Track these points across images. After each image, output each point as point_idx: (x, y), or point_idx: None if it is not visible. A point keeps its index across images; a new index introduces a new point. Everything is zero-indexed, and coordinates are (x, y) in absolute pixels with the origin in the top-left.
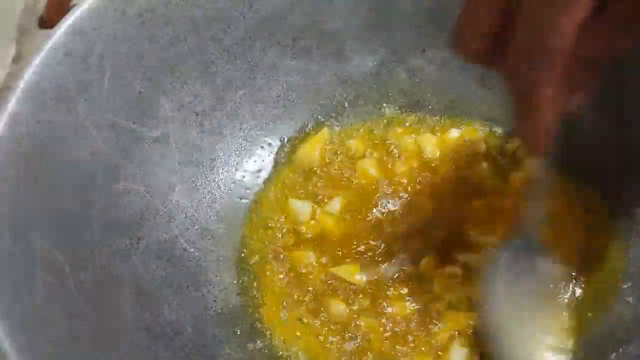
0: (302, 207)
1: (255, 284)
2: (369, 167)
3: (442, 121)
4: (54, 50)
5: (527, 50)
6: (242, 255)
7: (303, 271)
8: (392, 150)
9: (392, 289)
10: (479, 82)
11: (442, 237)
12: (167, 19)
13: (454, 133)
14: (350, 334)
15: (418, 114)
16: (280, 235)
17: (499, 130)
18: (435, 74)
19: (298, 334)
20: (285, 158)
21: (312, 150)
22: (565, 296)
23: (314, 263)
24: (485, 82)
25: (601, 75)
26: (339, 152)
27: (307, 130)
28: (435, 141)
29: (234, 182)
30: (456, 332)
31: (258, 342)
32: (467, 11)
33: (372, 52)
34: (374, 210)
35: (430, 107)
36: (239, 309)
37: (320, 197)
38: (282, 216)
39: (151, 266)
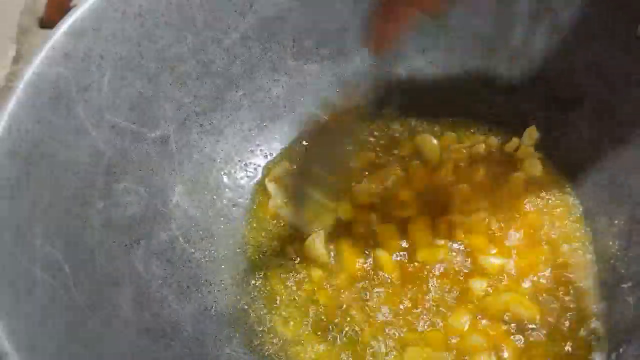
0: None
1: (255, 284)
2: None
3: (442, 121)
4: (54, 50)
5: None
6: (242, 255)
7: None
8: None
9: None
10: (479, 83)
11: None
12: (167, 19)
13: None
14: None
15: (418, 114)
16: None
17: (498, 131)
18: (435, 74)
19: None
20: (285, 158)
21: None
22: None
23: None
24: (485, 82)
25: None
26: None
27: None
28: (434, 141)
29: (233, 182)
30: None
31: (258, 342)
32: None
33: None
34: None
35: (430, 107)
36: (239, 309)
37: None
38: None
39: (151, 266)
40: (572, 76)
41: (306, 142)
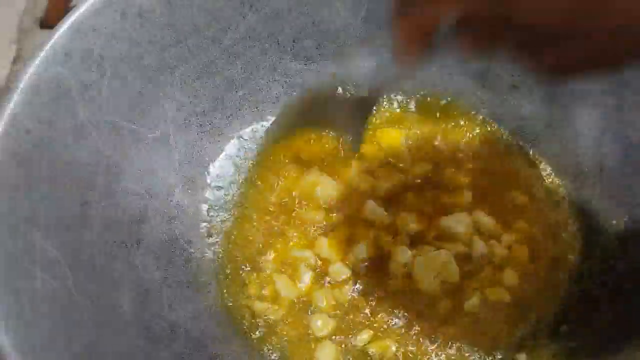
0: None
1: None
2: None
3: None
4: (54, 50)
5: None
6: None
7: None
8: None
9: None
10: (478, 82)
11: None
12: (167, 20)
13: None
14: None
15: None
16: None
17: (499, 131)
18: (435, 73)
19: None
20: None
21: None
22: None
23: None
24: (484, 82)
25: None
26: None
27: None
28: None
29: (233, 183)
30: None
31: (258, 341)
32: None
33: (372, 52)
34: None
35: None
36: (238, 309)
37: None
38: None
39: (151, 266)
40: None
41: None
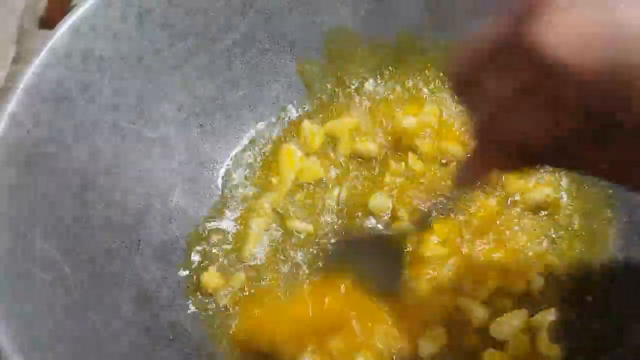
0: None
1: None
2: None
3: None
4: (54, 50)
5: None
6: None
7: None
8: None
9: None
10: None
11: None
12: (167, 19)
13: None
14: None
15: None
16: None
17: None
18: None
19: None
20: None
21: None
22: None
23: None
24: None
25: None
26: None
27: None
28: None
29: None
30: None
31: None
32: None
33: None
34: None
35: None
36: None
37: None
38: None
39: (151, 267)
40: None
41: None
